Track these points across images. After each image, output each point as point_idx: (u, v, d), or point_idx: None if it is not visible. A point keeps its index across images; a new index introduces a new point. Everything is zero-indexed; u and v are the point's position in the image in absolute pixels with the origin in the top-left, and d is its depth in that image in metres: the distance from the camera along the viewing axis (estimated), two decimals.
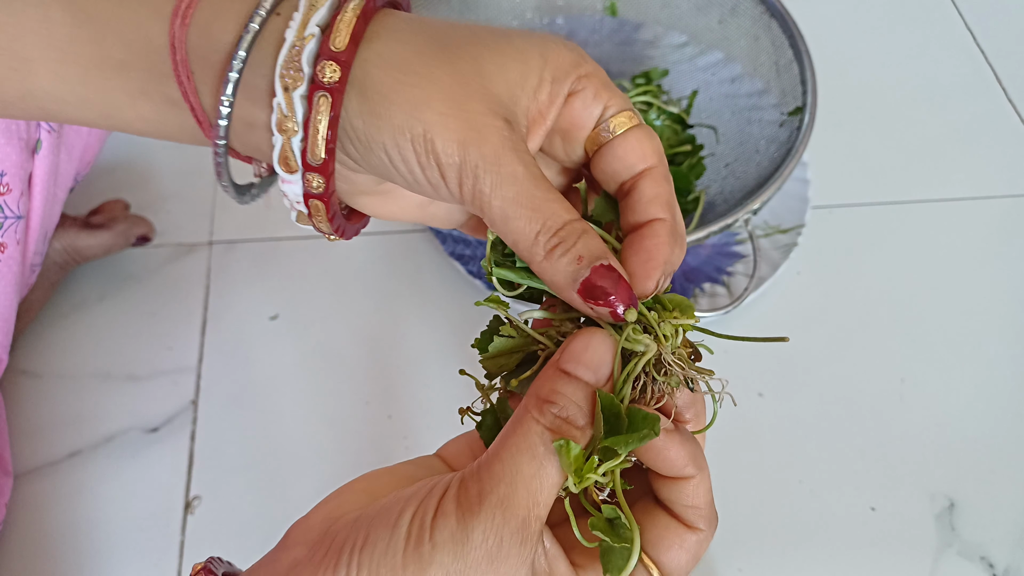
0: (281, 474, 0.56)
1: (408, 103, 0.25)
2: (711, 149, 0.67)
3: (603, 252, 0.25)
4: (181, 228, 0.68)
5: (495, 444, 0.25)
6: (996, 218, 0.70)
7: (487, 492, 0.23)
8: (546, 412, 0.24)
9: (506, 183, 0.25)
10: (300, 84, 0.25)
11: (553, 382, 0.25)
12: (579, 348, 0.25)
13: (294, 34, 0.25)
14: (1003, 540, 0.54)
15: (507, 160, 0.25)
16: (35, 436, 0.57)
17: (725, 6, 0.67)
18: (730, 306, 0.59)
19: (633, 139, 0.28)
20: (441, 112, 0.25)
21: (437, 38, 0.26)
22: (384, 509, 0.24)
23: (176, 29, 0.26)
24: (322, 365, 0.61)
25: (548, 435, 0.24)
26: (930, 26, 0.84)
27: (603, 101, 0.27)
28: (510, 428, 0.25)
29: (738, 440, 0.58)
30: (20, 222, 0.48)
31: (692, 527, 0.26)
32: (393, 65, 0.25)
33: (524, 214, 0.25)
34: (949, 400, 0.60)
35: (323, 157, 0.26)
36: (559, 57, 0.27)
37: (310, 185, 0.27)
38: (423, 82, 0.25)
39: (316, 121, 0.25)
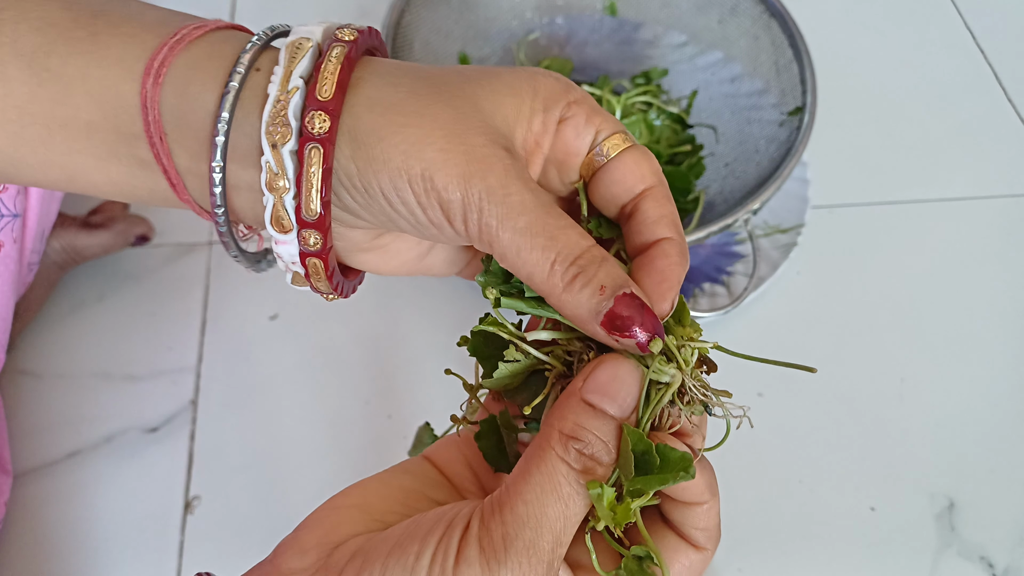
0: (281, 474, 0.56)
1: (406, 143, 0.24)
2: (711, 149, 0.67)
3: (625, 280, 0.24)
4: (181, 228, 0.68)
5: (516, 480, 0.23)
6: (996, 218, 0.70)
7: (512, 537, 0.22)
8: (571, 450, 0.23)
9: (515, 213, 0.24)
10: (288, 139, 0.24)
11: (577, 416, 0.24)
12: (605, 379, 0.24)
13: (277, 88, 0.24)
14: (1003, 540, 0.54)
15: (514, 189, 0.24)
16: (34, 436, 0.57)
17: (725, 6, 0.67)
18: (730, 306, 0.59)
19: (629, 160, 0.27)
20: (441, 148, 0.24)
21: (428, 79, 0.26)
22: (397, 547, 0.23)
23: (149, 89, 0.25)
24: (322, 365, 0.61)
25: (573, 475, 0.23)
26: (930, 26, 0.84)
27: (595, 126, 0.27)
28: (532, 464, 0.23)
29: (738, 440, 0.58)
30: (16, 220, 0.48)
31: (698, 547, 0.26)
32: (386, 108, 0.25)
33: (539, 243, 0.24)
34: (949, 400, 0.60)
35: (319, 211, 0.25)
36: (548, 87, 0.27)
37: (306, 243, 0.26)
38: (421, 121, 0.24)
39: (309, 175, 0.24)
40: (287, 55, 0.25)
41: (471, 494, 0.28)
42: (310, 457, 0.57)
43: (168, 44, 0.25)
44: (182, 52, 0.25)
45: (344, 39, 0.25)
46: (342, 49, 0.25)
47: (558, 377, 0.27)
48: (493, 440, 0.28)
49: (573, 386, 0.24)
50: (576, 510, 0.23)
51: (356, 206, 0.26)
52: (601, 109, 0.28)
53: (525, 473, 0.23)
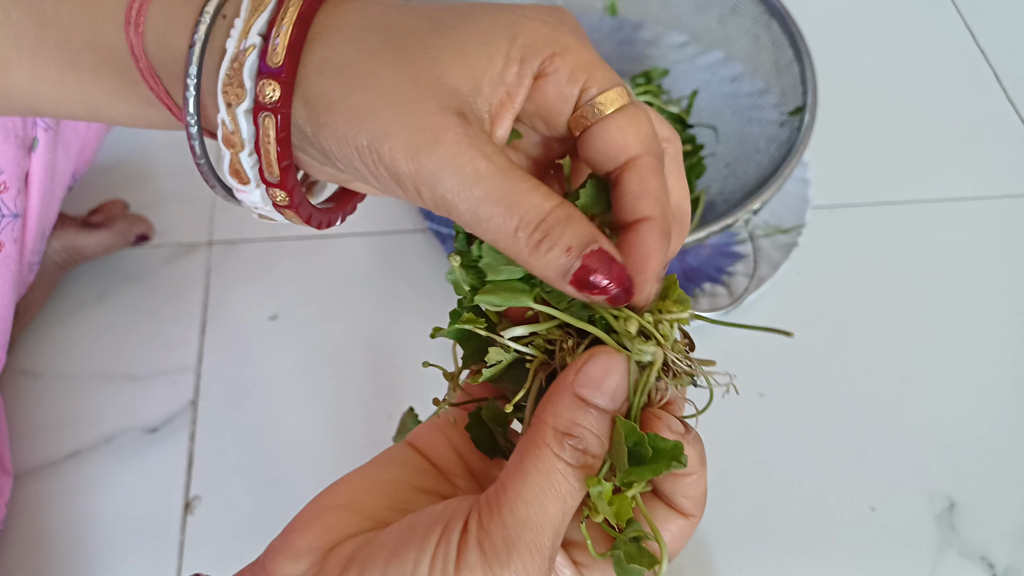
0: (281, 474, 0.56)
1: (350, 112, 0.23)
2: (711, 149, 0.67)
3: (592, 236, 0.23)
4: (181, 228, 0.68)
5: (513, 479, 0.23)
6: (996, 218, 0.70)
7: (515, 540, 0.22)
8: (566, 446, 0.23)
9: (470, 183, 0.23)
10: (243, 100, 0.24)
11: (571, 412, 0.23)
12: (597, 374, 0.24)
13: (234, 44, 0.24)
14: (1003, 540, 0.54)
15: (467, 158, 0.23)
16: (35, 436, 0.57)
17: (725, 5, 0.67)
18: (730, 306, 0.59)
19: (614, 125, 0.25)
20: (387, 118, 0.23)
21: (390, 31, 0.24)
22: (394, 554, 0.22)
23: (132, 38, 0.25)
24: (322, 365, 0.61)
25: (570, 471, 0.23)
26: (930, 26, 0.84)
27: (579, 82, 0.25)
28: (529, 462, 0.23)
29: (738, 440, 0.58)
30: (17, 220, 0.48)
31: (687, 515, 0.26)
32: (337, 70, 0.24)
33: (498, 211, 0.23)
34: (949, 400, 0.60)
35: (278, 176, 0.25)
36: (530, 33, 0.24)
37: (275, 198, 0.26)
38: (369, 84, 0.23)
39: (266, 143, 0.24)
40: (249, 6, 0.24)
41: (458, 478, 0.28)
42: (310, 457, 0.57)
43: None
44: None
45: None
46: (298, 1, 0.24)
47: (540, 366, 0.26)
48: (484, 431, 0.28)
49: (564, 380, 0.24)
50: (573, 503, 0.23)
51: (322, 160, 0.26)
52: (595, 60, 0.25)
53: (521, 471, 0.23)
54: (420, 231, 0.68)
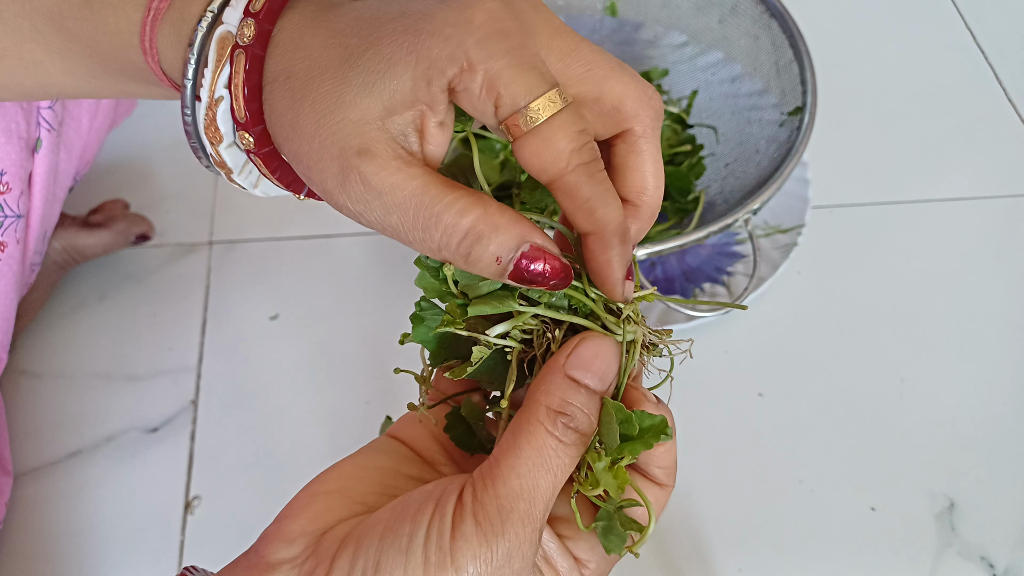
0: (281, 474, 0.56)
1: (292, 157, 0.26)
2: (711, 149, 0.67)
3: (519, 239, 0.24)
4: (181, 228, 0.68)
5: (507, 454, 0.24)
6: (996, 218, 0.70)
7: (508, 510, 0.23)
8: (558, 424, 0.24)
9: (386, 213, 0.24)
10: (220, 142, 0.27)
11: (564, 391, 0.25)
12: (588, 355, 0.25)
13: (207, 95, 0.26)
14: (1003, 540, 0.54)
15: (374, 193, 0.24)
16: (35, 436, 0.57)
17: (725, 6, 0.67)
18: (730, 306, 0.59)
19: (535, 143, 0.24)
20: (307, 166, 0.25)
21: (310, 72, 0.25)
22: (388, 530, 0.23)
23: (151, 64, 0.28)
24: (322, 365, 0.61)
25: (562, 447, 0.24)
26: (930, 26, 0.84)
27: (492, 98, 0.24)
28: (523, 439, 0.24)
29: (738, 440, 0.58)
30: (20, 221, 0.48)
31: (660, 484, 0.27)
32: (279, 119, 0.26)
33: (417, 236, 0.24)
34: (949, 400, 0.60)
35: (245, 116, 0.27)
36: (430, 53, 0.23)
37: (243, 140, 0.27)
38: (294, 135, 0.25)
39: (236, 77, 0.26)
40: (215, 55, 0.26)
41: (443, 465, 0.29)
42: (310, 457, 0.57)
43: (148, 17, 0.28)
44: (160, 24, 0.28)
45: (244, 41, 0.26)
46: (243, 57, 0.26)
47: (519, 355, 0.28)
48: (461, 428, 0.29)
49: (556, 362, 0.25)
50: (562, 478, 0.24)
51: None
52: (511, 66, 0.23)
53: (515, 447, 0.24)
54: None
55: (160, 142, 0.73)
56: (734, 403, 0.59)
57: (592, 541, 0.26)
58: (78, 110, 0.54)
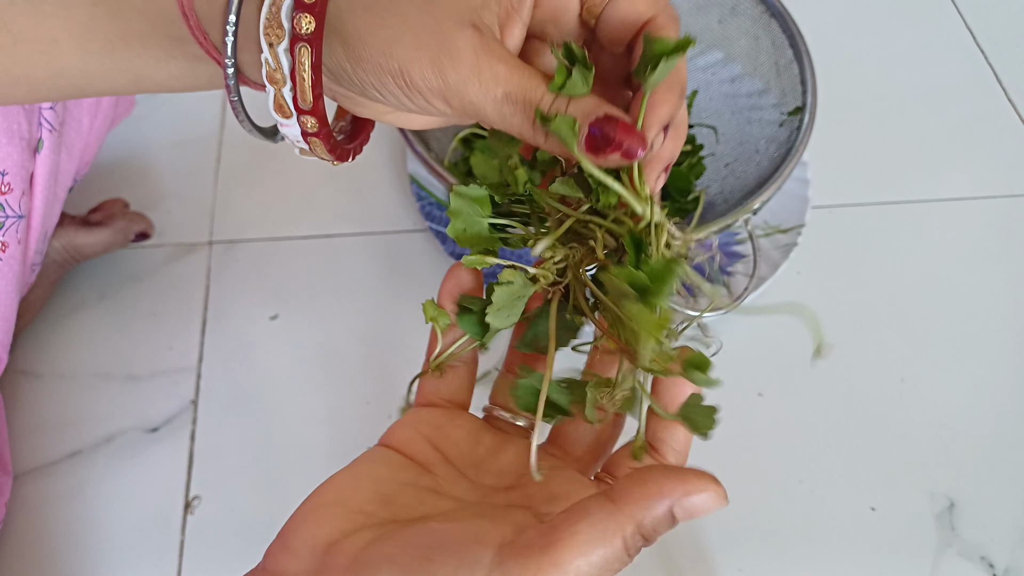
0: (281, 474, 0.56)
1: (382, 42, 0.27)
2: (711, 149, 0.67)
3: (593, 106, 0.27)
4: (181, 228, 0.68)
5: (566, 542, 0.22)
6: (996, 218, 0.70)
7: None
8: (638, 545, 0.22)
9: (491, 86, 0.26)
10: (283, 39, 0.27)
11: (659, 523, 0.22)
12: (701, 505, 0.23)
13: None
14: (1003, 540, 0.54)
15: (485, 65, 0.26)
16: (35, 436, 0.57)
17: (725, 6, 0.67)
18: (730, 306, 0.59)
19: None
20: (412, 45, 0.26)
21: None
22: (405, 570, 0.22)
23: (183, 1, 0.28)
24: (322, 365, 0.61)
25: (626, 559, 0.22)
26: (930, 26, 0.84)
27: None
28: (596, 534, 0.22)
29: (738, 440, 0.58)
30: (21, 221, 0.48)
31: None
32: (365, 9, 0.27)
33: (519, 108, 0.27)
34: (949, 400, 0.60)
35: (311, 101, 0.27)
36: None
37: (305, 126, 0.29)
38: (393, 20, 0.27)
39: (300, 69, 0.27)
40: None
41: (436, 466, 0.29)
42: (310, 457, 0.57)
43: None
44: None
45: None
46: None
47: (551, 286, 0.29)
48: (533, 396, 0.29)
49: (663, 489, 0.22)
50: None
51: (358, 91, 0.29)
52: None
53: (585, 541, 0.22)
54: (420, 231, 0.68)
55: (160, 142, 0.73)
56: (734, 403, 0.59)
57: None
58: (78, 110, 0.54)
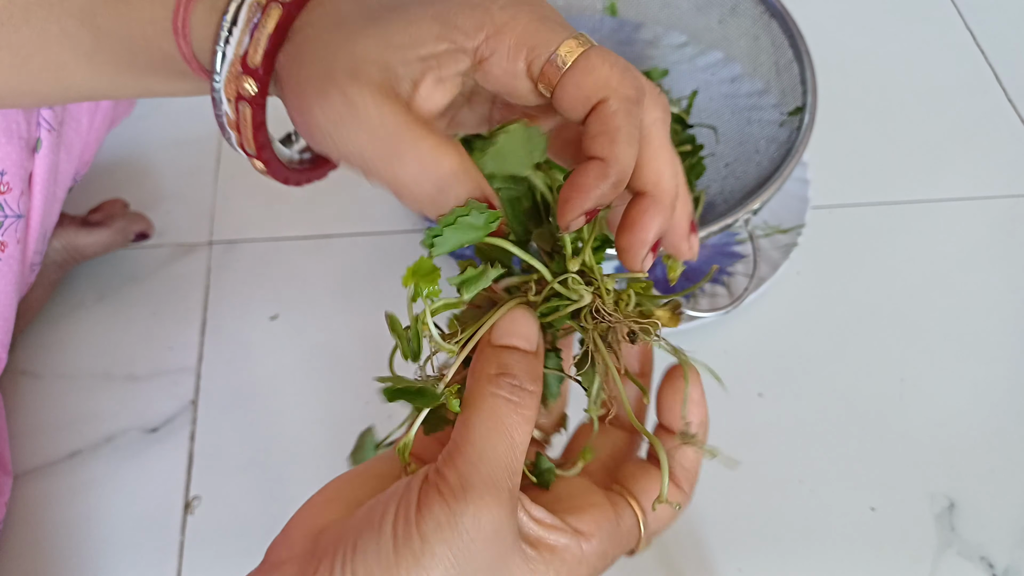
0: (281, 474, 0.56)
1: (294, 92, 0.27)
2: (711, 149, 0.67)
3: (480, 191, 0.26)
4: (181, 228, 0.68)
5: (460, 429, 0.25)
6: (996, 218, 0.70)
7: (467, 476, 0.24)
8: (503, 384, 0.25)
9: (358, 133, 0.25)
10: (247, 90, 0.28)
11: (497, 357, 0.26)
12: (506, 324, 0.27)
13: (232, 51, 0.27)
14: (1003, 540, 0.54)
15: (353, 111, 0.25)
16: (35, 436, 0.57)
17: (725, 6, 0.67)
18: (730, 306, 0.59)
19: (576, 75, 0.25)
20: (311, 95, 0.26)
21: (335, 25, 0.27)
22: (367, 515, 0.24)
23: (183, 48, 0.29)
24: (322, 365, 0.61)
25: (511, 406, 0.25)
26: (930, 26, 0.84)
27: (522, 55, 0.25)
28: (471, 411, 0.25)
29: (738, 440, 0.58)
30: (20, 221, 0.48)
31: (679, 487, 0.28)
32: (293, 61, 0.27)
33: (388, 168, 0.26)
34: (949, 400, 0.60)
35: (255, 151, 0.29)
36: (458, 21, 0.25)
37: (256, 166, 0.30)
38: (303, 71, 0.27)
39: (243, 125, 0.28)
40: (246, 14, 0.27)
41: None
42: (310, 457, 0.57)
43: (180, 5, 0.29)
44: (195, 4, 0.29)
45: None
46: (277, 11, 0.27)
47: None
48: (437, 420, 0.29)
49: (482, 341, 0.27)
50: (521, 438, 0.25)
51: None
52: (538, 21, 0.25)
53: (467, 421, 0.25)
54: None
55: (160, 142, 0.72)
56: (734, 403, 0.59)
57: (594, 515, 0.27)
58: (78, 110, 0.54)
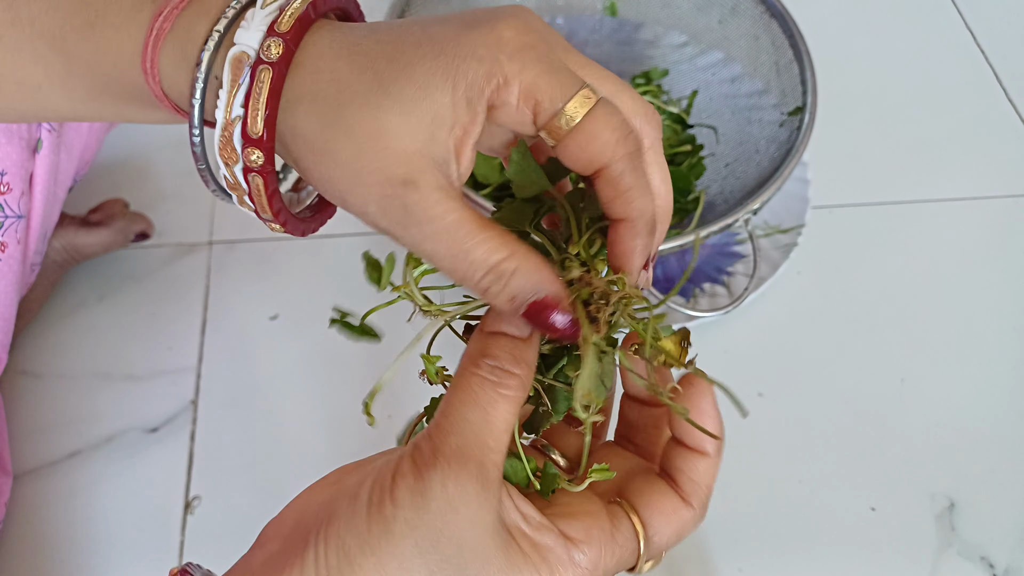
0: (281, 474, 0.56)
1: (317, 181, 0.27)
2: (711, 149, 0.67)
3: (534, 287, 0.25)
4: (181, 228, 0.68)
5: (440, 407, 0.26)
6: (996, 218, 0.70)
7: (439, 445, 0.25)
8: (481, 364, 0.26)
9: (424, 239, 0.25)
10: (238, 161, 0.27)
11: (483, 341, 0.27)
12: (495, 316, 0.27)
13: (222, 116, 0.26)
14: (1003, 540, 0.54)
15: (413, 221, 0.25)
16: (35, 436, 0.57)
17: (725, 6, 0.67)
18: (730, 306, 0.59)
19: (581, 137, 0.25)
20: (344, 190, 0.26)
21: (340, 96, 0.26)
22: (347, 488, 0.26)
23: (151, 85, 0.28)
24: (322, 365, 0.61)
25: (488, 383, 0.26)
26: (930, 26, 0.84)
27: (530, 106, 0.25)
28: (451, 390, 0.26)
29: (738, 440, 0.58)
30: (21, 221, 0.48)
31: (687, 502, 0.27)
32: (304, 141, 0.26)
33: (447, 265, 0.26)
34: (949, 400, 0.60)
35: (271, 217, 0.28)
36: (467, 75, 0.25)
37: (272, 227, 0.29)
38: (326, 160, 0.26)
39: (257, 195, 0.27)
40: (230, 75, 0.26)
41: None
42: (310, 457, 0.57)
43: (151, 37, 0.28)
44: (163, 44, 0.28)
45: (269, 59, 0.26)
46: (268, 74, 0.26)
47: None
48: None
49: (478, 328, 0.28)
50: (497, 415, 0.25)
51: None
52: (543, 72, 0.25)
53: (447, 398, 0.26)
54: None
55: (160, 142, 0.72)
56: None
57: (587, 524, 0.26)
58: None
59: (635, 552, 0.27)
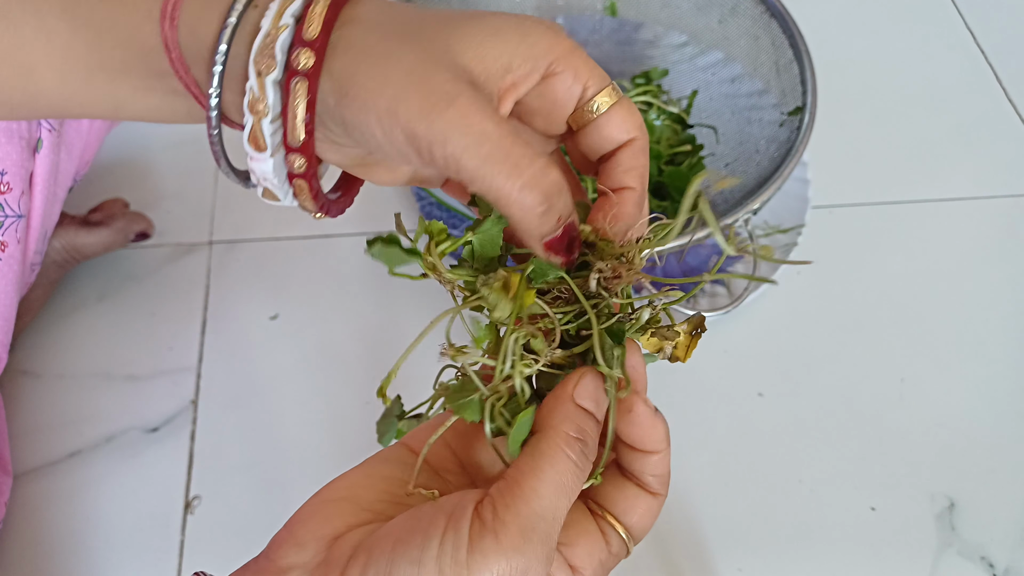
0: (281, 474, 0.56)
1: (372, 81, 0.26)
2: (711, 149, 0.67)
3: (571, 207, 0.27)
4: (181, 228, 0.68)
5: (527, 476, 0.25)
6: (996, 218, 0.70)
7: (530, 529, 0.24)
8: (577, 449, 0.26)
9: (478, 142, 0.25)
10: (273, 70, 0.26)
11: (579, 419, 0.27)
12: (593, 387, 0.27)
13: (269, 23, 0.26)
14: (1003, 540, 0.54)
15: (475, 120, 0.25)
16: (35, 436, 0.57)
17: (725, 6, 0.67)
18: (730, 306, 0.59)
19: (617, 117, 0.29)
20: (402, 86, 0.25)
21: (405, 23, 0.27)
22: (400, 541, 0.24)
23: (167, 31, 0.28)
24: (322, 365, 0.61)
25: (577, 471, 0.26)
26: (930, 26, 0.84)
27: (583, 81, 0.29)
28: (546, 463, 0.25)
29: (738, 440, 0.58)
30: (21, 221, 0.48)
31: (654, 493, 0.29)
32: (360, 50, 0.26)
33: (503, 170, 0.25)
34: (949, 400, 0.60)
35: (303, 138, 0.27)
36: (539, 36, 0.28)
37: (292, 166, 0.28)
38: (387, 63, 0.26)
39: (294, 105, 0.26)
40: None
41: (449, 473, 0.30)
42: (310, 457, 0.57)
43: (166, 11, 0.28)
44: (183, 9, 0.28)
45: None
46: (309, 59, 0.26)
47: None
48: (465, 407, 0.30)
49: (564, 392, 0.27)
50: (573, 499, 0.26)
51: (339, 132, 0.28)
52: (590, 62, 0.29)
53: (538, 471, 0.25)
54: None
55: (160, 142, 0.73)
56: (734, 403, 0.60)
57: (588, 547, 0.27)
58: None
59: (625, 554, 0.28)
